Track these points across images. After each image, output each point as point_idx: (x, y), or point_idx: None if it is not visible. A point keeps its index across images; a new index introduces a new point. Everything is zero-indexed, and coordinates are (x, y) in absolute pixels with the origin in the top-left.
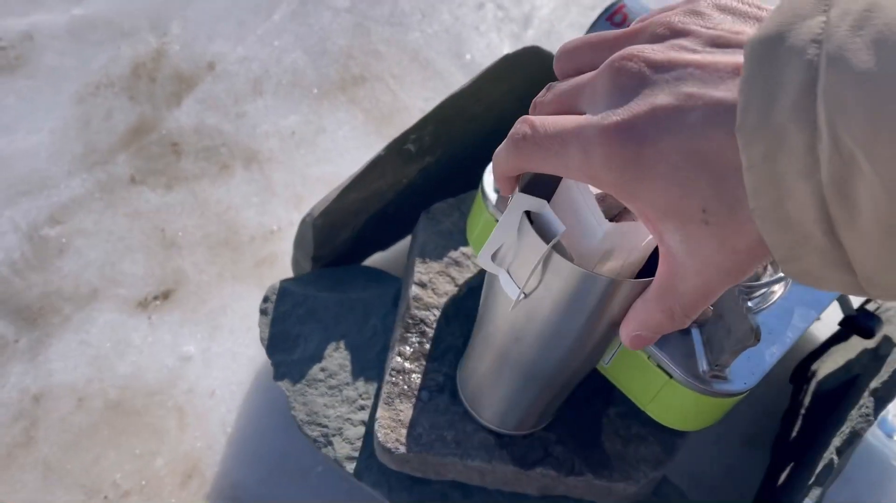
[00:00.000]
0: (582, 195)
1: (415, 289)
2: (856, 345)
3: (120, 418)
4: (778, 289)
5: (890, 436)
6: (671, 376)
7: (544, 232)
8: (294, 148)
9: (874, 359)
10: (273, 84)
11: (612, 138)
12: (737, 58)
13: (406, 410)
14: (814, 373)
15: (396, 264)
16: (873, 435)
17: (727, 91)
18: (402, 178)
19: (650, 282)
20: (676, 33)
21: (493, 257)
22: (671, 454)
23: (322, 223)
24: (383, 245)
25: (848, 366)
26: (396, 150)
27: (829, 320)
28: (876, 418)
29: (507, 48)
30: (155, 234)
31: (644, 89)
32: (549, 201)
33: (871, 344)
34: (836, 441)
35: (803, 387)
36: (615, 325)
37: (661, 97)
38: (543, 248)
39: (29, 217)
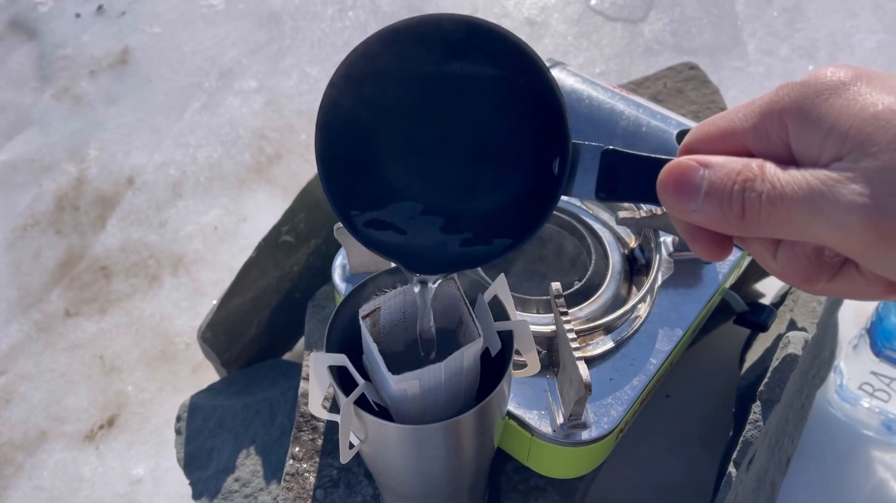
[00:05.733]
0: (371, 348)
1: (303, 385)
2: (773, 331)
3: None
4: (642, 311)
5: (854, 405)
6: (533, 434)
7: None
8: (218, 243)
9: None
10: (191, 184)
11: None
12: None
13: None
14: (743, 362)
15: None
16: (836, 408)
17: None
18: (292, 266)
19: (457, 421)
20: None
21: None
22: (571, 500)
23: (211, 335)
24: (303, 329)
25: (764, 356)
26: (271, 245)
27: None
28: (765, 422)
29: None
30: (94, 363)
31: None
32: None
33: (781, 328)
34: (734, 452)
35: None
36: (483, 440)
37: None
38: (346, 401)
39: None
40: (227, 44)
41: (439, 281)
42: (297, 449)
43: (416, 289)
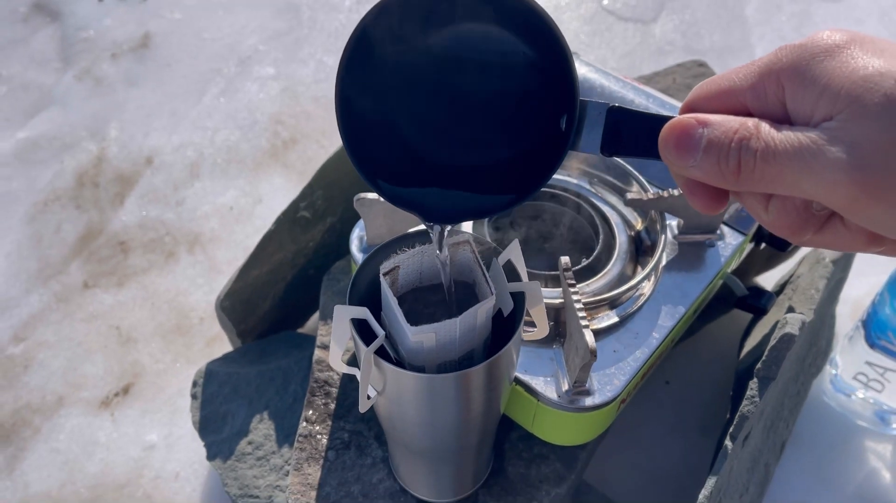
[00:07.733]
0: (391, 302)
1: (318, 353)
2: (772, 318)
3: None
4: (647, 289)
5: (848, 396)
6: (538, 399)
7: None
8: (234, 223)
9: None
10: (209, 165)
11: None
12: None
13: (315, 473)
14: (742, 350)
15: None
16: (830, 398)
17: None
18: (308, 243)
19: (469, 372)
20: None
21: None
22: (572, 468)
23: (230, 304)
24: (317, 305)
25: (763, 341)
26: (289, 220)
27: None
28: (761, 398)
29: None
30: (111, 334)
31: None
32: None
33: (780, 315)
34: (731, 427)
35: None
36: (491, 397)
37: None
38: (366, 350)
39: None
40: (247, 31)
41: (448, 228)
42: (311, 412)
43: (434, 238)
